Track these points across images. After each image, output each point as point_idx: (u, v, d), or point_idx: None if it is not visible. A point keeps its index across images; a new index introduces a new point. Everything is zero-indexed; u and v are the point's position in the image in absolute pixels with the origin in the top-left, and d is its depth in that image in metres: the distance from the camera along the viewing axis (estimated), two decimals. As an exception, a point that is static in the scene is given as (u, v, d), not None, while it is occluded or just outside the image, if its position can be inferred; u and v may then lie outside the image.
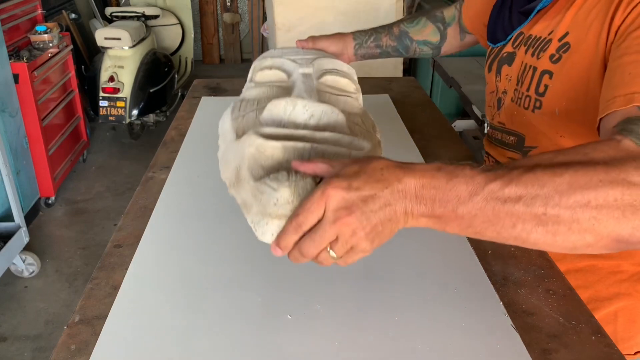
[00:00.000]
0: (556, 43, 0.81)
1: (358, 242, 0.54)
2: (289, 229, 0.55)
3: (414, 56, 1.21)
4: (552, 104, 0.82)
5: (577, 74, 0.77)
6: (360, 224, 0.53)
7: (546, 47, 0.83)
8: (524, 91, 0.87)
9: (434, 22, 1.17)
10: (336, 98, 0.88)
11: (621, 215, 0.50)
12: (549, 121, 0.83)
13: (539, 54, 0.84)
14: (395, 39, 1.18)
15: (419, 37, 1.17)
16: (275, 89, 0.87)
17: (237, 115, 0.80)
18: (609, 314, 0.87)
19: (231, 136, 0.76)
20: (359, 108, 0.90)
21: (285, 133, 0.70)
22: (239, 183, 0.67)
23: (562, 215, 0.51)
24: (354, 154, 0.67)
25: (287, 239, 0.56)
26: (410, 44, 1.18)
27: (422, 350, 0.61)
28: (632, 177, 0.51)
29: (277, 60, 0.95)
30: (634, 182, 0.50)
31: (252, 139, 0.67)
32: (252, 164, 0.66)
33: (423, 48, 1.19)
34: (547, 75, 0.82)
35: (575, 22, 0.78)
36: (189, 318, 0.65)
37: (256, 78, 0.92)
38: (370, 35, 1.17)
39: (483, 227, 0.53)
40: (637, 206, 0.50)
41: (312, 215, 0.54)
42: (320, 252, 0.55)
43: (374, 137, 0.82)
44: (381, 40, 1.17)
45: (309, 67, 0.91)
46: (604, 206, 0.50)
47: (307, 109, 0.75)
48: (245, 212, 0.64)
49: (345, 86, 0.93)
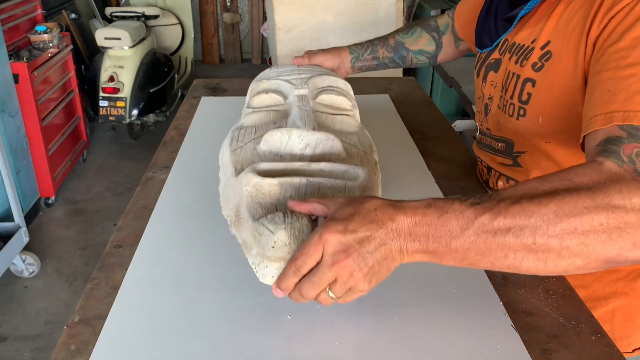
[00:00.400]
0: (538, 51, 0.81)
1: (356, 283, 0.56)
2: (289, 272, 0.58)
3: (411, 66, 1.23)
4: (536, 111, 0.82)
5: (559, 82, 0.77)
6: (357, 266, 0.55)
7: (529, 55, 0.83)
8: (508, 99, 0.88)
9: (428, 32, 1.19)
10: (332, 118, 0.90)
11: (608, 238, 0.52)
12: (533, 128, 0.84)
13: (522, 61, 0.84)
14: (392, 50, 1.19)
15: (414, 47, 1.19)
16: (272, 114, 0.90)
17: (235, 147, 0.83)
18: (607, 313, 0.87)
19: (230, 171, 0.79)
20: (356, 126, 0.92)
21: (282, 167, 0.73)
22: (239, 222, 0.70)
23: (550, 244, 0.53)
24: (349, 184, 0.69)
25: (287, 281, 0.58)
26: (406, 54, 1.20)
27: (422, 350, 0.61)
28: (616, 201, 0.53)
29: (272, 83, 0.97)
30: (617, 206, 0.52)
31: (249, 178, 0.69)
32: (250, 203, 0.68)
33: (419, 57, 1.21)
34: (530, 83, 0.83)
35: (557, 30, 0.78)
36: (188, 318, 0.65)
37: (253, 103, 0.94)
38: (367, 48, 1.19)
39: (477, 259, 0.55)
40: (623, 228, 0.52)
41: (310, 259, 0.56)
42: (320, 293, 0.57)
43: (371, 158, 0.83)
44: (377, 52, 1.19)
45: (304, 88, 0.93)
46: (591, 231, 0.52)
47: (303, 139, 0.78)
48: (246, 253, 0.66)
49: (341, 104, 0.95)
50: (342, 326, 0.65)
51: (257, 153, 0.79)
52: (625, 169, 0.56)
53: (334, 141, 0.79)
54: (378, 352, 0.61)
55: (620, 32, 0.66)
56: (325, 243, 0.55)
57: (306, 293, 0.57)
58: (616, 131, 0.60)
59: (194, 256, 0.76)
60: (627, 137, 0.59)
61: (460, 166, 1.05)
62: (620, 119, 0.60)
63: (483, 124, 0.99)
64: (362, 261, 0.55)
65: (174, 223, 0.84)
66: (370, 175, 0.71)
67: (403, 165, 1.03)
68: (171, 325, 0.64)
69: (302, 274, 0.57)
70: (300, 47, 2.56)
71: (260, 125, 0.87)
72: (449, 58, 1.23)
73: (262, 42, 5.19)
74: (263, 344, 0.62)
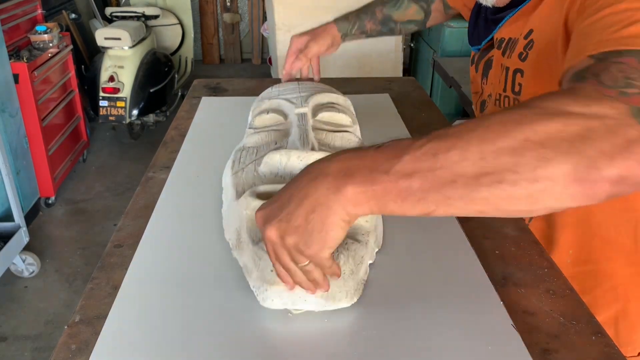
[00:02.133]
0: (523, 41, 0.82)
1: (296, 246, 0.52)
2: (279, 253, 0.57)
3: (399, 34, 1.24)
4: None
5: (544, 69, 0.76)
6: (280, 229, 0.51)
7: (514, 47, 0.84)
8: (502, 92, 0.87)
9: (416, 2, 1.19)
10: (332, 135, 0.92)
11: (570, 146, 0.42)
12: None
13: (510, 54, 0.85)
14: (380, 23, 1.20)
15: (402, 19, 1.19)
16: (273, 134, 0.93)
17: (237, 169, 0.85)
18: (610, 318, 0.87)
19: (232, 193, 0.81)
20: (356, 142, 0.93)
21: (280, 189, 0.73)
22: (240, 246, 0.72)
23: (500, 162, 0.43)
24: None
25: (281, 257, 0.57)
26: (394, 26, 1.20)
27: (422, 350, 0.61)
28: (572, 108, 0.44)
29: (273, 102, 1.00)
30: (575, 112, 0.44)
31: (249, 201, 0.71)
32: (250, 227, 0.70)
33: (408, 26, 1.22)
34: (519, 73, 0.82)
35: (538, 19, 0.79)
36: (189, 318, 0.65)
37: (255, 123, 0.97)
38: (354, 24, 1.19)
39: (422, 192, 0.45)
40: (587, 135, 0.42)
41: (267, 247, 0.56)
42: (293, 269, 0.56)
43: None
44: (365, 27, 1.20)
45: (304, 106, 0.95)
46: (547, 140, 0.42)
47: (302, 160, 0.81)
48: (247, 277, 0.68)
49: (341, 121, 0.97)
50: (342, 326, 0.65)
51: (257, 175, 0.82)
52: (588, 82, 0.50)
53: None
54: (378, 352, 0.61)
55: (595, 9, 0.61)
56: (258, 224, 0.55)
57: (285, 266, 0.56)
58: (586, 61, 0.54)
59: (194, 256, 0.76)
60: (595, 62, 0.53)
61: (460, 166, 1.05)
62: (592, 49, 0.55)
63: None
64: (285, 223, 0.51)
65: (174, 223, 0.84)
66: None
67: (403, 165, 1.03)
68: (171, 325, 0.64)
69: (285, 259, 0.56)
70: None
71: (261, 146, 0.90)
72: (438, 22, 1.24)
73: (262, 42, 5.19)
74: (263, 344, 0.62)
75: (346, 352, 0.61)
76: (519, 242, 0.81)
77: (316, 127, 0.93)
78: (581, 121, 0.43)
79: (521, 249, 0.79)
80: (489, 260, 0.77)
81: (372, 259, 0.73)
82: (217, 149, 1.07)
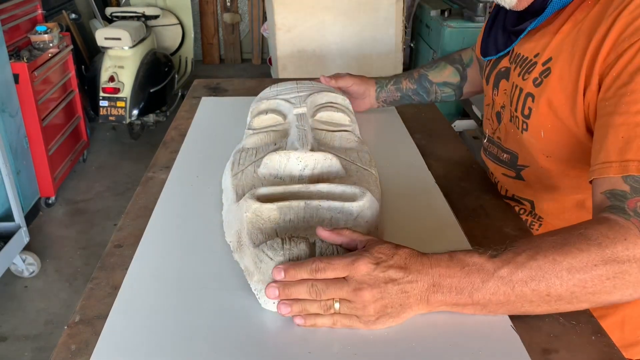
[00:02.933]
0: (540, 67, 0.81)
1: (364, 314, 0.60)
2: (306, 268, 0.60)
3: (437, 100, 1.23)
4: (537, 126, 0.83)
5: (557, 101, 0.78)
6: (374, 300, 0.59)
7: (531, 70, 0.83)
8: (514, 111, 0.88)
9: (452, 64, 1.19)
10: (332, 135, 0.92)
11: (612, 287, 0.59)
12: (536, 143, 0.85)
13: (525, 75, 0.84)
14: (415, 82, 1.20)
15: (438, 80, 1.19)
16: (272, 135, 0.93)
17: (236, 171, 0.85)
18: (616, 322, 0.88)
19: (232, 196, 0.81)
20: (355, 141, 0.93)
21: (280, 191, 0.75)
22: (241, 249, 0.72)
23: (563, 295, 0.60)
24: (346, 205, 0.71)
25: (299, 273, 0.61)
26: (429, 86, 1.19)
27: (422, 350, 0.61)
28: (621, 253, 0.59)
29: (272, 102, 0.99)
30: (621, 258, 0.59)
31: (249, 204, 0.71)
32: (251, 229, 0.70)
33: (444, 89, 1.20)
34: (530, 98, 0.82)
35: (560, 49, 0.77)
36: (189, 318, 0.65)
37: (254, 124, 0.96)
38: (391, 80, 1.22)
39: (496, 308, 0.61)
40: (624, 277, 0.58)
41: (332, 272, 0.60)
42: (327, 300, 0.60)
43: (370, 175, 0.85)
44: (401, 84, 1.21)
45: (302, 106, 0.94)
46: (598, 284, 0.59)
47: (301, 161, 0.80)
48: (248, 279, 0.68)
49: (340, 120, 0.97)
50: (342, 326, 0.65)
51: (257, 176, 0.82)
52: (632, 222, 0.61)
53: (332, 160, 0.81)
54: (378, 352, 0.61)
55: (629, 72, 0.65)
56: (355, 269, 0.59)
57: (320, 291, 0.59)
58: (620, 184, 0.64)
59: (194, 256, 0.76)
60: (630, 192, 0.63)
61: (460, 166, 1.05)
62: (636, 169, 0.63)
63: (495, 132, 0.98)
64: (380, 299, 0.59)
65: (174, 223, 0.84)
66: (367, 193, 0.72)
67: (403, 165, 1.03)
68: (171, 325, 0.64)
69: (316, 276, 0.60)
70: (300, 47, 2.56)
71: (260, 147, 0.89)
72: (477, 89, 1.20)
73: (262, 42, 5.19)
74: (264, 344, 0.62)
75: (346, 352, 0.61)
76: (519, 242, 0.81)
77: (315, 127, 0.93)
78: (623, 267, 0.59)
79: (521, 249, 0.79)
80: (489, 260, 0.77)
81: None
82: (217, 149, 1.07)
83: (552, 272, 0.59)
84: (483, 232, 0.83)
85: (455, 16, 3.15)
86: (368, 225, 0.72)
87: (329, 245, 0.65)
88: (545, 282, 0.59)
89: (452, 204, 0.90)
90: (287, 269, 0.61)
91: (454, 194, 0.94)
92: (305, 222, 0.70)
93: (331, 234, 0.65)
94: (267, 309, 0.65)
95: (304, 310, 0.61)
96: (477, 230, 0.83)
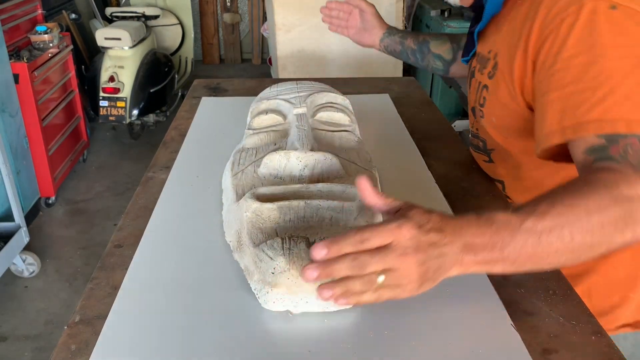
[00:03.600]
0: (492, 61, 0.90)
1: (410, 281, 0.58)
2: (349, 240, 0.56)
3: (427, 69, 1.29)
4: (489, 113, 0.92)
5: (502, 89, 0.87)
6: (418, 266, 0.57)
7: (487, 64, 0.92)
8: (474, 98, 0.97)
9: (451, 42, 1.26)
10: (332, 135, 0.92)
11: (624, 226, 0.61)
12: (492, 128, 0.93)
13: (482, 70, 0.94)
14: (417, 44, 1.28)
15: (436, 51, 1.27)
16: (272, 135, 0.93)
17: (236, 170, 0.85)
18: (584, 292, 0.89)
19: (232, 196, 0.82)
20: (355, 141, 0.93)
21: (280, 191, 0.75)
22: (241, 248, 0.72)
23: (584, 240, 0.60)
24: (346, 205, 0.71)
25: (343, 246, 0.56)
26: (427, 53, 1.27)
27: (422, 350, 0.61)
28: (626, 192, 0.61)
29: (272, 102, 0.99)
30: (628, 196, 0.61)
31: (249, 204, 0.71)
32: (251, 229, 0.70)
33: (437, 62, 1.28)
34: (485, 89, 0.92)
35: (502, 44, 0.88)
36: (189, 318, 0.65)
37: (254, 124, 0.97)
38: (399, 32, 1.29)
39: (524, 262, 0.61)
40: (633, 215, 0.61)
41: (379, 239, 0.56)
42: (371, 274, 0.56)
43: (371, 175, 0.84)
44: (406, 40, 1.28)
45: (302, 107, 0.95)
46: (612, 222, 0.60)
47: (301, 161, 0.81)
48: (248, 279, 0.68)
49: (340, 120, 0.97)
50: (343, 326, 0.65)
51: (257, 176, 0.82)
52: (624, 164, 0.65)
53: (332, 160, 0.81)
54: (378, 352, 0.61)
55: (553, 54, 0.74)
56: (401, 234, 0.56)
57: (363, 264, 0.55)
58: (596, 140, 0.68)
59: (194, 256, 0.77)
60: (607, 143, 0.67)
61: (460, 166, 1.05)
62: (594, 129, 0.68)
63: (474, 126, 1.04)
64: (423, 263, 0.57)
65: (174, 223, 0.84)
66: None
67: (403, 165, 1.03)
68: (171, 325, 0.64)
69: (363, 247, 0.56)
70: (300, 47, 2.56)
71: (260, 147, 0.90)
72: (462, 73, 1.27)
73: (262, 42, 5.20)
74: (264, 344, 0.62)
75: (346, 352, 0.61)
76: (519, 242, 0.81)
77: (315, 127, 0.93)
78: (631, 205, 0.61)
79: (521, 249, 0.79)
80: (489, 260, 0.77)
81: None
82: (217, 149, 1.07)
83: (572, 216, 0.60)
84: (483, 232, 0.83)
85: (455, 16, 3.15)
86: (368, 225, 0.72)
87: None
88: (567, 227, 0.59)
89: (452, 204, 0.90)
90: (329, 245, 0.56)
91: (454, 194, 0.94)
92: (305, 221, 0.70)
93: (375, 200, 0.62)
94: (267, 308, 0.65)
95: (347, 290, 0.56)
96: (477, 230, 0.83)
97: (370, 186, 0.61)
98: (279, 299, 0.64)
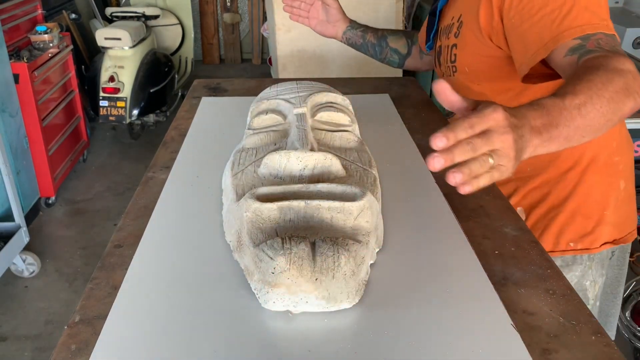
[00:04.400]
0: (456, 24, 1.06)
1: (509, 160, 0.62)
2: (461, 127, 0.60)
3: (383, 61, 1.44)
4: (462, 64, 1.06)
5: (471, 37, 1.01)
6: (514, 142, 0.62)
7: (452, 29, 1.07)
8: (445, 64, 1.12)
9: (406, 38, 1.42)
10: (332, 135, 0.92)
11: (627, 92, 0.72)
12: (465, 78, 1.07)
13: (448, 35, 1.09)
14: (376, 39, 1.41)
15: (393, 45, 1.42)
16: (272, 135, 0.93)
17: (236, 170, 0.85)
18: (568, 217, 1.05)
19: (232, 196, 0.82)
20: (355, 141, 0.93)
21: (280, 191, 0.75)
22: (241, 248, 0.72)
23: (609, 105, 0.70)
24: (346, 205, 0.71)
25: (458, 133, 0.60)
26: (385, 47, 1.42)
27: (422, 350, 0.61)
28: (621, 66, 0.73)
29: (272, 102, 1.00)
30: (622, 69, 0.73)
31: (249, 204, 0.71)
32: (251, 229, 0.70)
33: (393, 55, 1.43)
34: (454, 47, 1.07)
35: (464, 3, 1.04)
36: (189, 318, 0.65)
37: (254, 124, 0.97)
38: (361, 27, 1.42)
39: (572, 136, 0.68)
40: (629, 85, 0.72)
41: (486, 122, 0.61)
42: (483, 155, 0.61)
43: (370, 175, 0.85)
44: (367, 35, 1.41)
45: (303, 106, 0.95)
46: (620, 90, 0.71)
47: (301, 161, 0.81)
48: (249, 279, 0.68)
49: (340, 120, 0.98)
50: (343, 326, 0.65)
51: (257, 176, 0.82)
52: (602, 51, 0.78)
53: (332, 160, 0.81)
54: (378, 352, 0.61)
55: None
56: (498, 117, 0.61)
57: (478, 146, 0.60)
58: (574, 42, 0.82)
59: (194, 256, 0.77)
60: (583, 41, 0.82)
61: (460, 166, 1.05)
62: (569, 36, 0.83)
63: None
64: (515, 141, 0.62)
65: (174, 223, 0.84)
66: (367, 193, 0.73)
67: (403, 165, 1.03)
68: (171, 325, 0.64)
69: (473, 131, 0.60)
70: (300, 47, 2.56)
71: (260, 147, 0.90)
72: (414, 66, 1.44)
73: (262, 42, 5.20)
74: (264, 343, 0.62)
75: (346, 352, 0.61)
76: (519, 242, 0.81)
77: (315, 127, 0.93)
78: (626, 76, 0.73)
79: (521, 249, 0.79)
80: (489, 260, 0.77)
81: (373, 259, 0.74)
82: (217, 149, 1.07)
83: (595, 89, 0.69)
84: (483, 232, 0.83)
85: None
86: (368, 225, 0.72)
87: (329, 246, 0.65)
88: (595, 98, 0.68)
89: (452, 204, 0.90)
90: (446, 133, 0.59)
91: (454, 194, 0.94)
92: (305, 221, 0.70)
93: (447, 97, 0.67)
94: (267, 308, 0.65)
95: (471, 172, 0.60)
96: (477, 230, 0.83)
97: (447, 86, 0.66)
98: (279, 298, 0.64)
